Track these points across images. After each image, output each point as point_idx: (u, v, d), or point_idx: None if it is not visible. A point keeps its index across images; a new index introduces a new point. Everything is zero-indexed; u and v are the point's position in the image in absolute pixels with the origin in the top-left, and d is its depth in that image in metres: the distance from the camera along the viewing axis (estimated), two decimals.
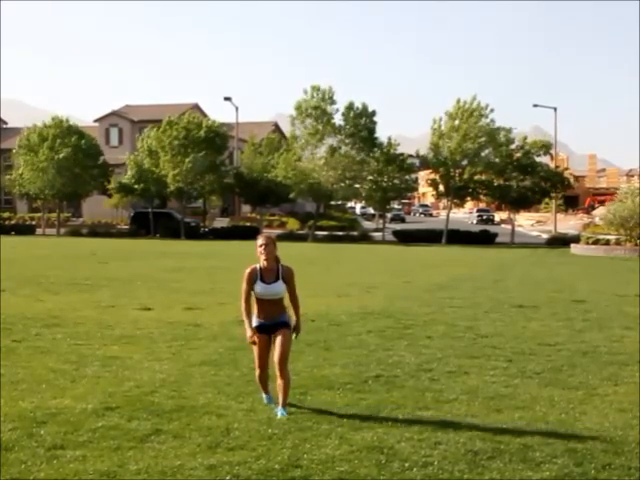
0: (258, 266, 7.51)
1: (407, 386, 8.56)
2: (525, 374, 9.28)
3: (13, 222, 60.52)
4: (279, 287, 7.48)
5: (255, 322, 7.53)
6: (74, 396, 7.86)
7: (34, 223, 59.94)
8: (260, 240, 7.51)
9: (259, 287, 7.44)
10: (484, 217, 75.86)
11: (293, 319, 7.71)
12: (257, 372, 7.69)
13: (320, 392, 8.21)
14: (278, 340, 7.40)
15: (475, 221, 74.11)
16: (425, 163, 53.34)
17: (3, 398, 7.73)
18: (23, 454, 5.99)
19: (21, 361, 9.72)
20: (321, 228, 54.33)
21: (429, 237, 50.28)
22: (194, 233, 52.52)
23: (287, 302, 7.72)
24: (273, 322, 7.48)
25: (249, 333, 7.47)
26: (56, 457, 5.93)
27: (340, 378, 8.88)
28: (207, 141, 52.35)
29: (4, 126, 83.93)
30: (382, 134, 53.74)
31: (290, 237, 51.54)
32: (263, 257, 7.43)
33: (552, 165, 54.87)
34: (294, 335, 7.63)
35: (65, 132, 55.71)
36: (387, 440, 6.50)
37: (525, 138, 52.72)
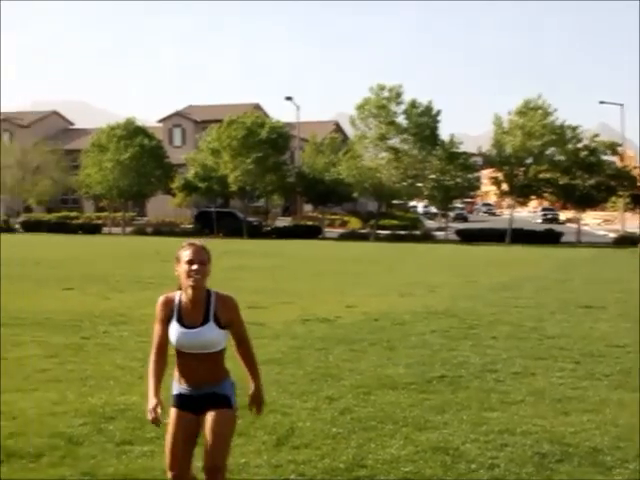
0: (177, 296, 4.55)
1: (472, 387, 8.47)
2: (594, 376, 9.09)
3: (80, 222, 61.65)
4: (208, 333, 4.47)
5: (175, 389, 4.63)
6: (142, 393, 7.95)
7: (100, 222, 60.96)
8: (187, 252, 4.47)
9: (175, 332, 4.48)
10: (549, 216, 74.72)
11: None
12: (168, 476, 4.54)
13: (384, 392, 8.17)
14: (208, 425, 4.48)
15: (540, 220, 73.06)
16: (488, 161, 52.74)
17: (73, 394, 7.88)
18: (93, 449, 6.09)
19: (90, 358, 9.89)
20: (383, 227, 54.13)
21: (492, 236, 49.71)
22: (256, 232, 52.84)
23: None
24: (201, 392, 4.55)
25: (150, 404, 4.43)
26: (125, 452, 6.02)
27: (404, 378, 8.82)
28: (269, 141, 52.65)
29: (70, 127, 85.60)
30: (444, 132, 53.40)
31: (352, 236, 51.54)
32: (189, 282, 4.42)
33: (619, 163, 53.76)
34: (254, 409, 4.79)
35: (131, 133, 56.63)
36: (452, 441, 6.44)
37: (595, 136, 51.58)
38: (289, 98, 60.73)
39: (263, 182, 53.53)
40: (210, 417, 4.48)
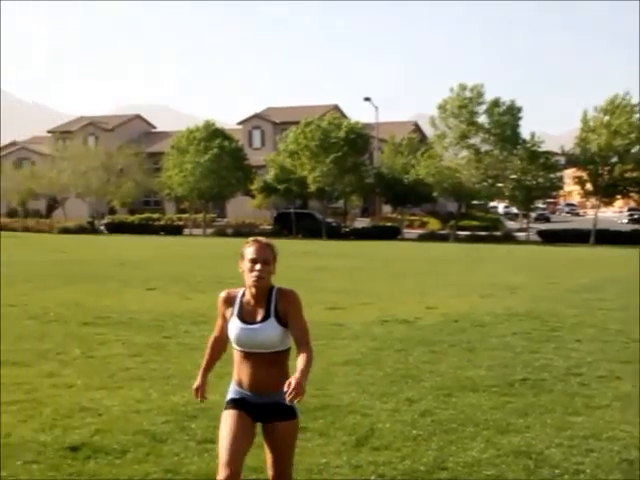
0: (239, 292, 4.39)
1: (556, 390, 8.30)
2: None
3: (162, 223, 62.77)
4: (268, 330, 4.20)
5: (231, 393, 4.39)
6: (222, 392, 8.03)
7: (181, 224, 61.95)
8: (251, 250, 4.33)
9: (235, 328, 4.25)
10: (635, 216, 72.77)
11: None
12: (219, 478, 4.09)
13: (465, 394, 8.07)
14: (274, 437, 4.27)
15: (626, 220, 71.21)
16: (571, 160, 51.70)
17: (156, 392, 8.02)
18: (176, 447, 6.18)
19: (171, 357, 10.05)
20: (463, 228, 53.61)
21: (576, 237, 48.71)
22: (335, 233, 52.94)
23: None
24: (262, 400, 4.25)
25: (195, 384, 4.61)
26: (206, 450, 6.09)
27: (485, 380, 8.71)
28: (347, 142, 52.66)
29: (153, 130, 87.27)
30: (524, 131, 52.57)
31: (431, 237, 51.21)
32: (252, 281, 4.25)
33: None
34: (291, 395, 3.88)
35: (210, 135, 57.39)
36: (535, 445, 6.32)
37: None
38: (368, 99, 60.66)
39: (342, 183, 53.60)
40: (276, 429, 4.24)
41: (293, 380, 3.91)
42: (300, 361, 4.09)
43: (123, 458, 6.00)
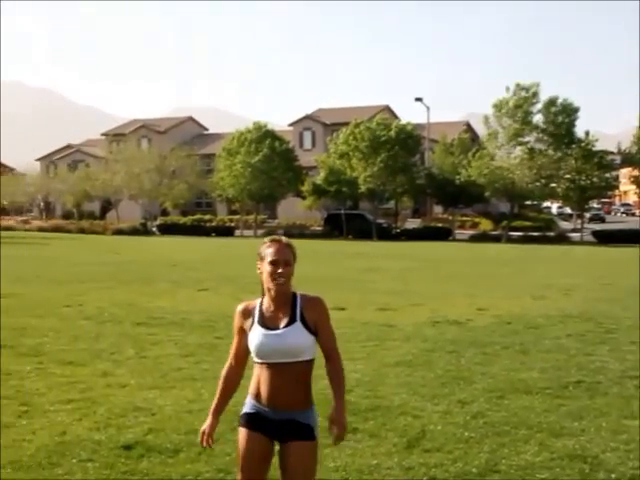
0: (258, 302, 4.14)
1: (611, 393, 8.16)
2: None
3: (214, 224, 63.26)
4: (294, 335, 3.92)
5: (247, 406, 4.08)
6: None
7: (233, 225, 62.36)
8: (271, 251, 4.05)
9: (256, 336, 3.97)
10: None
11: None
12: None
13: (517, 396, 7.99)
14: (290, 459, 3.90)
15: None
16: (627, 159, 50.78)
17: (208, 392, 8.06)
18: (227, 446, 6.21)
19: (223, 357, 10.02)
20: (515, 229, 53.03)
21: (631, 237, 47.82)
22: (386, 234, 52.79)
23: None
24: (279, 416, 3.95)
25: (204, 425, 4.26)
26: None
27: (538, 382, 8.60)
28: (398, 142, 52.49)
29: (205, 132, 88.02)
30: (579, 129, 51.73)
31: (483, 238, 50.75)
32: (274, 284, 4.00)
33: None
34: (334, 438, 3.94)
35: (262, 136, 57.66)
36: (591, 449, 6.22)
37: None
38: (419, 99, 60.38)
39: (393, 184, 53.46)
40: (292, 450, 3.88)
41: (337, 417, 3.89)
42: (335, 379, 4.02)
43: (176, 457, 6.07)
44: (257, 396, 3.99)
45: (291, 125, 77.90)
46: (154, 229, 61.06)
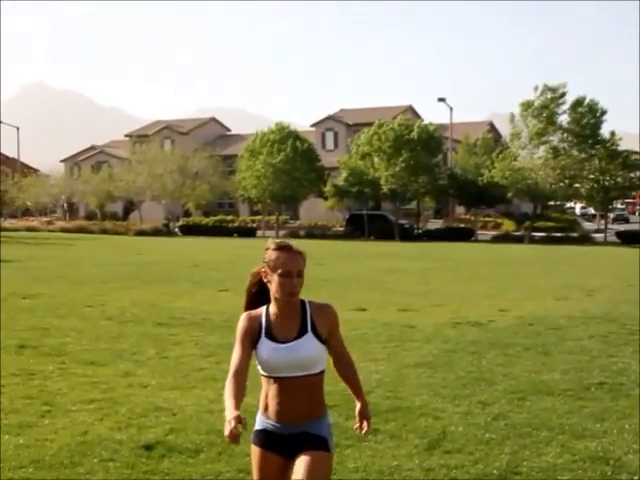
0: (263, 311, 3.92)
1: (634, 395, 8.09)
2: None
3: (236, 225, 63.39)
4: (307, 346, 3.73)
5: (259, 423, 3.88)
6: None
7: (255, 225, 62.47)
8: (283, 261, 3.78)
9: (265, 350, 3.78)
10: None
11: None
12: None
13: (539, 398, 7.94)
14: (301, 471, 3.65)
15: None
16: None
17: None
18: (247, 447, 6.14)
19: None
20: (538, 229, 52.73)
21: None
22: (408, 235, 52.67)
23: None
24: (291, 430, 3.78)
25: (228, 419, 3.42)
26: None
27: (560, 384, 8.55)
28: (420, 142, 52.37)
29: (227, 133, 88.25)
30: (604, 130, 51.30)
31: (505, 239, 50.51)
32: (285, 297, 3.78)
33: None
34: (363, 431, 4.00)
35: (284, 137, 57.71)
36: (613, 451, 6.18)
37: None
38: (442, 99, 60.23)
39: (415, 184, 53.33)
40: (304, 461, 3.64)
41: (367, 413, 4.00)
42: (352, 376, 4.02)
43: (196, 457, 6.09)
44: (266, 412, 3.82)
45: (313, 126, 77.93)
46: (176, 230, 61.27)
